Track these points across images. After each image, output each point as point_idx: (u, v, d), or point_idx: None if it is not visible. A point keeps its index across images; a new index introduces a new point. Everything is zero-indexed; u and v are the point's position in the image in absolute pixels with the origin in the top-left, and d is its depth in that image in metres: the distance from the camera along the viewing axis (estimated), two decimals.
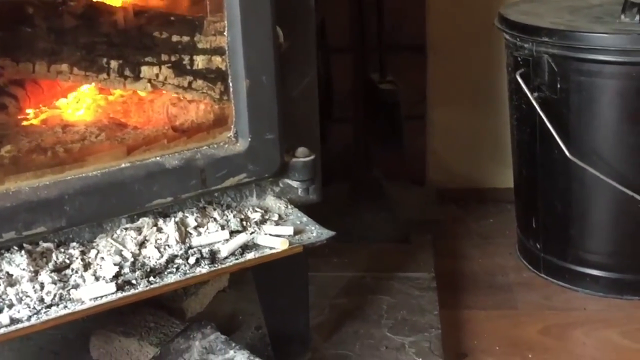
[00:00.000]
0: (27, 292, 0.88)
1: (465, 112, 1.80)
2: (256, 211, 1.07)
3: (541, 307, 1.39)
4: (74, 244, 0.96)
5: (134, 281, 0.91)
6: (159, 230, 0.99)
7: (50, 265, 0.92)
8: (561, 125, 1.34)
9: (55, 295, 0.88)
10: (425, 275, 1.44)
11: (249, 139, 1.03)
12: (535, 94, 1.36)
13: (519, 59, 1.39)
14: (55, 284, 0.89)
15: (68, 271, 0.92)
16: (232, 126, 1.04)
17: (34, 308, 0.87)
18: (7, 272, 0.90)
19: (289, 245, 0.99)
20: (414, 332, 1.25)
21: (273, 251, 0.98)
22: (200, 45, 1.07)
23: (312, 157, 1.09)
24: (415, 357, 1.19)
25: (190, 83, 1.09)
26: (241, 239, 0.99)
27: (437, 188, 1.82)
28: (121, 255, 0.95)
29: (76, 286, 0.90)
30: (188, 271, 0.94)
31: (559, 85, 1.34)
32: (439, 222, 1.70)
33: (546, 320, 1.35)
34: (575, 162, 1.32)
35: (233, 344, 1.06)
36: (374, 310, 1.32)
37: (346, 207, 1.65)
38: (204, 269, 0.94)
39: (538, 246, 1.49)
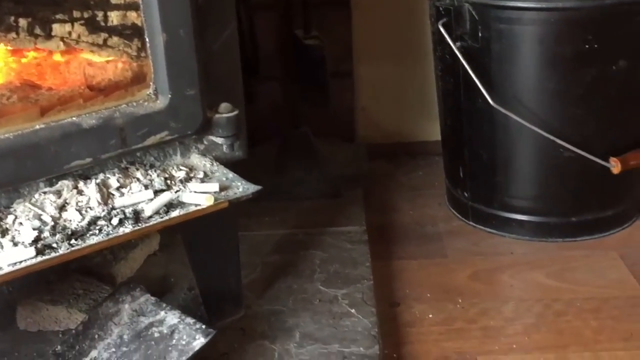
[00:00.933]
0: None
1: (392, 67, 1.80)
2: (181, 169, 1.05)
3: (470, 254, 1.42)
4: None
5: (54, 244, 0.88)
6: (80, 192, 0.96)
7: None
8: (484, 74, 1.35)
9: None
10: (356, 229, 1.45)
11: (169, 96, 1.00)
12: (458, 44, 1.37)
13: (441, 9, 1.39)
14: None
15: None
16: (151, 83, 1.01)
17: None
18: None
19: (215, 201, 0.98)
20: (346, 284, 1.26)
21: (198, 208, 0.97)
22: (113, 1, 1.03)
23: (236, 112, 1.07)
24: (349, 308, 1.20)
25: (105, 40, 1.05)
26: (165, 197, 0.97)
27: (367, 144, 1.83)
28: (40, 219, 0.92)
29: None
30: (111, 232, 0.92)
31: (480, 34, 1.35)
32: (369, 177, 1.71)
33: (475, 266, 1.38)
34: (499, 110, 1.34)
35: (164, 305, 1.05)
36: (306, 265, 1.33)
37: (276, 166, 1.64)
38: (127, 228, 0.92)
39: (466, 195, 1.52)
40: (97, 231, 0.92)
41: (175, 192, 1.00)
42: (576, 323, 1.19)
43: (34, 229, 0.90)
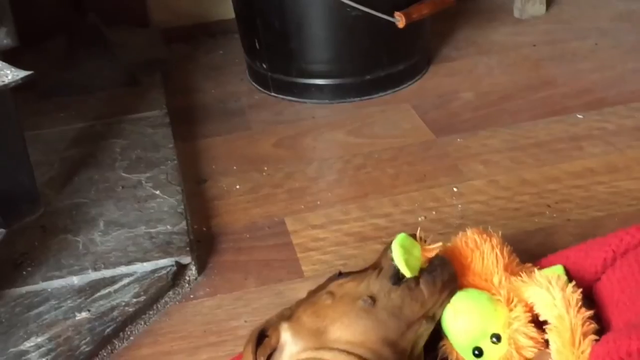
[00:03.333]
0: None
1: None
2: None
3: (273, 123, 1.43)
4: None
5: None
6: None
7: None
8: None
9: None
10: (157, 113, 1.41)
11: None
12: None
13: None
14: None
15: None
16: None
17: None
18: None
19: None
20: (149, 167, 1.24)
21: None
22: None
23: None
24: (153, 190, 1.18)
25: None
26: None
27: (162, 28, 1.76)
28: None
29: None
30: None
31: None
32: (168, 62, 1.66)
33: (279, 134, 1.39)
34: None
35: None
36: (107, 155, 1.28)
37: (66, 60, 1.55)
38: None
39: (264, 67, 1.51)
40: None
41: None
42: (375, 173, 1.25)
43: None
